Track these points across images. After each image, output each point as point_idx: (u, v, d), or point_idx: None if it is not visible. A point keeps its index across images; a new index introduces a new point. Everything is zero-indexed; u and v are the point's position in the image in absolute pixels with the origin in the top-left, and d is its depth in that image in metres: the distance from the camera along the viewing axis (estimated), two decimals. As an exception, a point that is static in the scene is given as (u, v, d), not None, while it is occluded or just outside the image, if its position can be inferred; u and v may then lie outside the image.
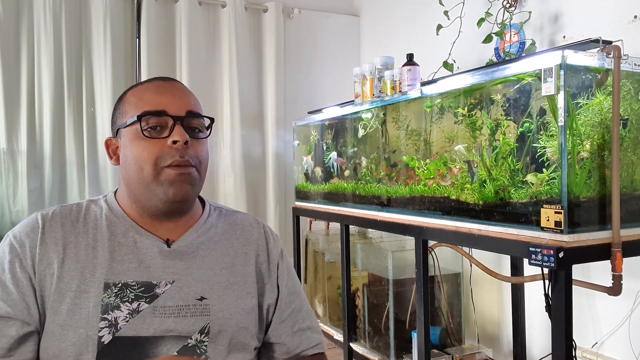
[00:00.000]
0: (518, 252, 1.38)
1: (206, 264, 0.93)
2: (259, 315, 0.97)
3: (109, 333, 0.83)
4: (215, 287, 0.92)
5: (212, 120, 0.96)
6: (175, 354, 0.86)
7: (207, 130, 0.95)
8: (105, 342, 0.82)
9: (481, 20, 2.16)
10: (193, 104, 0.93)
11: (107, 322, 0.83)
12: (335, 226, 2.48)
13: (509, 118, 1.48)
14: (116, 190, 0.98)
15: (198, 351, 0.87)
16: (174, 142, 0.87)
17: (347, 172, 2.39)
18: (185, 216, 0.96)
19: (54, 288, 0.84)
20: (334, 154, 2.51)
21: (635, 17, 1.79)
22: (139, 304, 0.85)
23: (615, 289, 1.31)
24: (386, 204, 2.02)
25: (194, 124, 0.92)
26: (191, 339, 0.87)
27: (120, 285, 0.86)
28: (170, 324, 0.86)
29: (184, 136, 0.87)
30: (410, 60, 1.89)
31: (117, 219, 0.92)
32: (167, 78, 0.97)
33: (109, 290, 0.85)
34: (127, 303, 0.85)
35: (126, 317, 0.84)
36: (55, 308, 0.84)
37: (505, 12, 2.11)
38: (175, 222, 0.94)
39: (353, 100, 2.28)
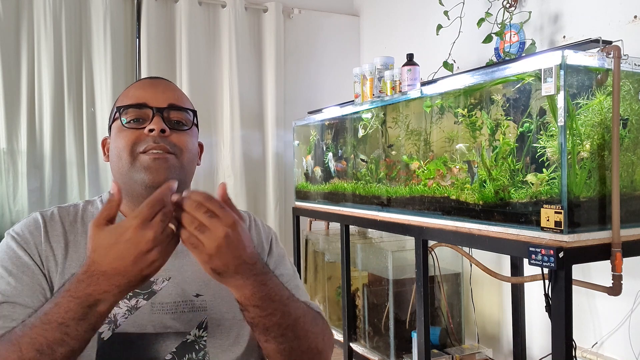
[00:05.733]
0: (518, 252, 1.38)
1: None
2: None
3: (109, 329, 0.83)
4: (210, 282, 0.92)
5: (194, 112, 0.95)
6: (174, 350, 0.86)
7: (192, 124, 0.95)
8: (105, 338, 0.83)
9: (481, 20, 2.16)
10: (177, 98, 0.93)
11: (106, 318, 0.83)
12: (335, 226, 2.48)
13: (509, 118, 1.48)
14: None
15: (197, 347, 0.88)
16: (151, 130, 0.87)
17: (363, 171, 2.39)
18: None
19: (56, 285, 0.84)
20: (331, 156, 2.51)
21: (635, 17, 1.79)
22: (137, 300, 0.86)
23: (615, 289, 1.31)
24: (386, 204, 2.02)
25: (176, 116, 0.91)
26: (190, 334, 0.88)
27: None
28: (168, 320, 0.87)
29: (160, 125, 0.87)
30: (410, 60, 1.89)
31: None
32: (157, 77, 0.98)
33: None
34: (125, 300, 0.85)
35: (125, 313, 0.84)
36: None
37: (505, 12, 2.11)
38: None
39: (353, 100, 2.28)
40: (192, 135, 0.94)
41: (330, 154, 2.52)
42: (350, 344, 2.40)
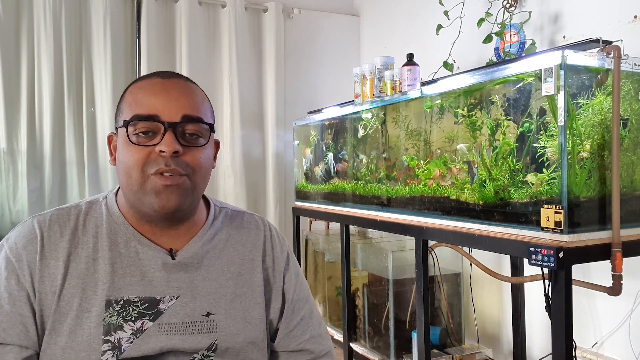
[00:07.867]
0: (518, 252, 1.38)
1: (212, 275, 0.89)
2: (267, 324, 0.94)
3: (112, 356, 0.78)
4: (221, 300, 0.88)
5: (211, 126, 0.87)
6: None
7: (209, 133, 0.86)
8: None
9: (481, 20, 2.16)
10: (192, 106, 0.84)
11: (110, 344, 0.79)
12: (335, 226, 2.48)
13: (509, 118, 1.48)
14: (117, 190, 0.91)
15: None
16: (162, 151, 0.80)
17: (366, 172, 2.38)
18: (188, 222, 0.90)
19: (54, 308, 0.79)
20: (331, 156, 2.51)
21: (635, 17, 1.79)
22: (143, 322, 0.81)
23: (615, 289, 1.30)
24: (386, 204, 2.02)
25: (191, 129, 0.83)
26: (197, 354, 0.84)
27: (122, 302, 0.81)
28: (176, 341, 0.82)
29: (172, 146, 0.80)
30: (410, 60, 1.89)
31: (117, 226, 0.87)
32: (170, 74, 0.87)
33: (110, 308, 0.80)
34: (130, 322, 0.80)
35: (130, 337, 0.80)
36: (56, 329, 0.79)
37: (505, 12, 2.11)
38: (177, 229, 0.89)
39: (353, 100, 2.28)
40: (208, 147, 0.87)
41: (331, 154, 2.52)
42: (350, 344, 2.40)
